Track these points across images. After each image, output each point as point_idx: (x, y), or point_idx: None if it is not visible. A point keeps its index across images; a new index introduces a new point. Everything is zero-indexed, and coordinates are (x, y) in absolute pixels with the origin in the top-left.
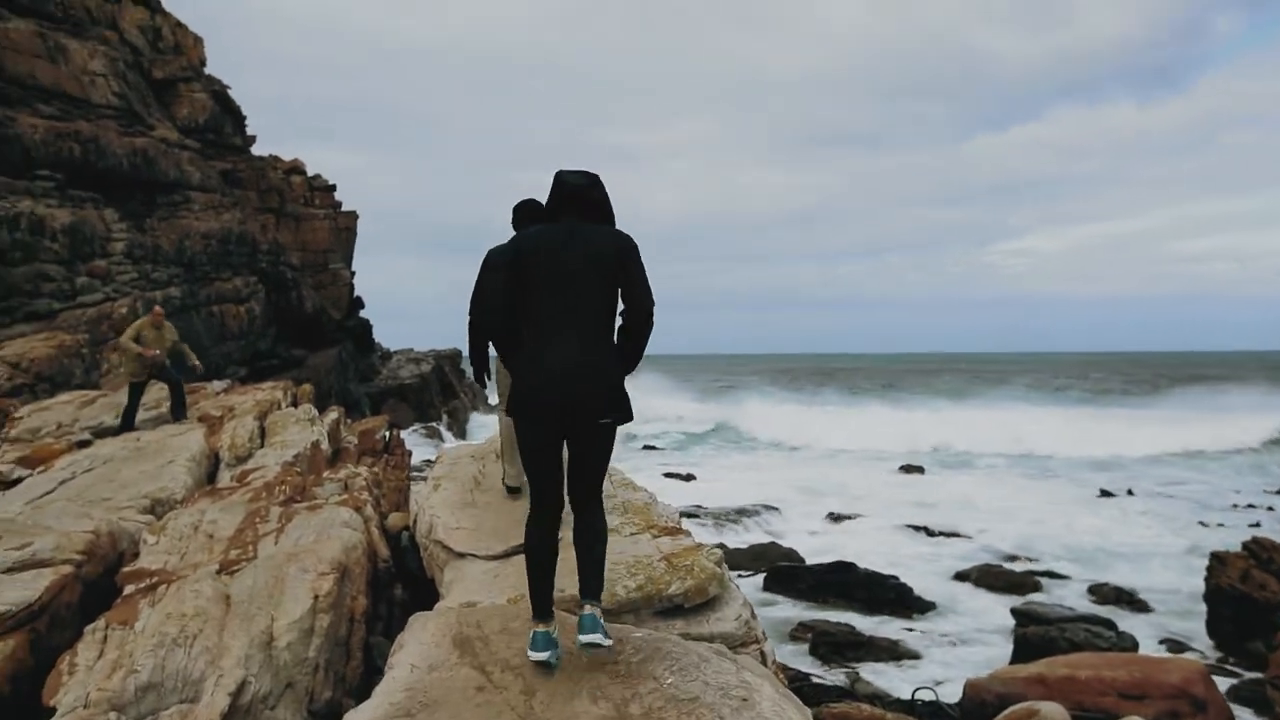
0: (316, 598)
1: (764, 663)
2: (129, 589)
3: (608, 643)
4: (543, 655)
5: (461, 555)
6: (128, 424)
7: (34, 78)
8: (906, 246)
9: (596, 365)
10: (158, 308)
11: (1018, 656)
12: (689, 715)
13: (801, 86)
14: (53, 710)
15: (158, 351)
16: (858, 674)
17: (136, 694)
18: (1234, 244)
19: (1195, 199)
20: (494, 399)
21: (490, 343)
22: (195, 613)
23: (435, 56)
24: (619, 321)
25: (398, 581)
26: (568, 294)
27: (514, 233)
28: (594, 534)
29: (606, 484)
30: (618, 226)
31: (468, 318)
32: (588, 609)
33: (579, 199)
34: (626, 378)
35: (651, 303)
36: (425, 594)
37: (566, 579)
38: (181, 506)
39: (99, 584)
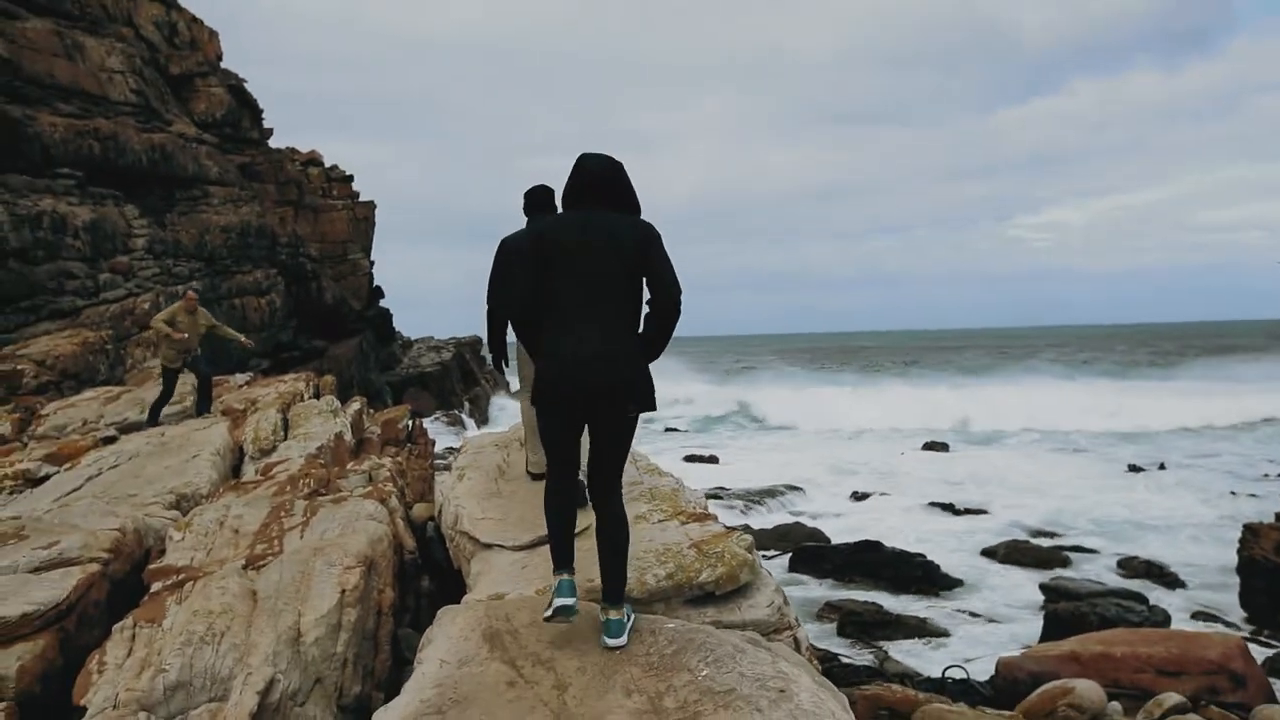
0: (343, 592)
1: (797, 649)
2: (156, 586)
3: (626, 641)
4: (567, 600)
5: (488, 546)
6: (154, 417)
7: (52, 76)
8: (929, 222)
9: (618, 355)
10: (190, 293)
11: (1048, 632)
12: (725, 708)
13: (820, 62)
14: (83, 710)
15: (185, 335)
16: (886, 653)
17: (165, 693)
18: (1264, 212)
19: (1223, 166)
20: (515, 384)
21: (513, 330)
22: (222, 610)
23: (451, 46)
24: (643, 309)
25: (424, 573)
26: (589, 283)
27: (525, 218)
28: (617, 527)
29: (631, 470)
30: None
31: (486, 305)
32: (611, 614)
33: (600, 186)
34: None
35: (679, 291)
36: (452, 585)
37: (595, 568)
38: (206, 502)
39: (126, 581)
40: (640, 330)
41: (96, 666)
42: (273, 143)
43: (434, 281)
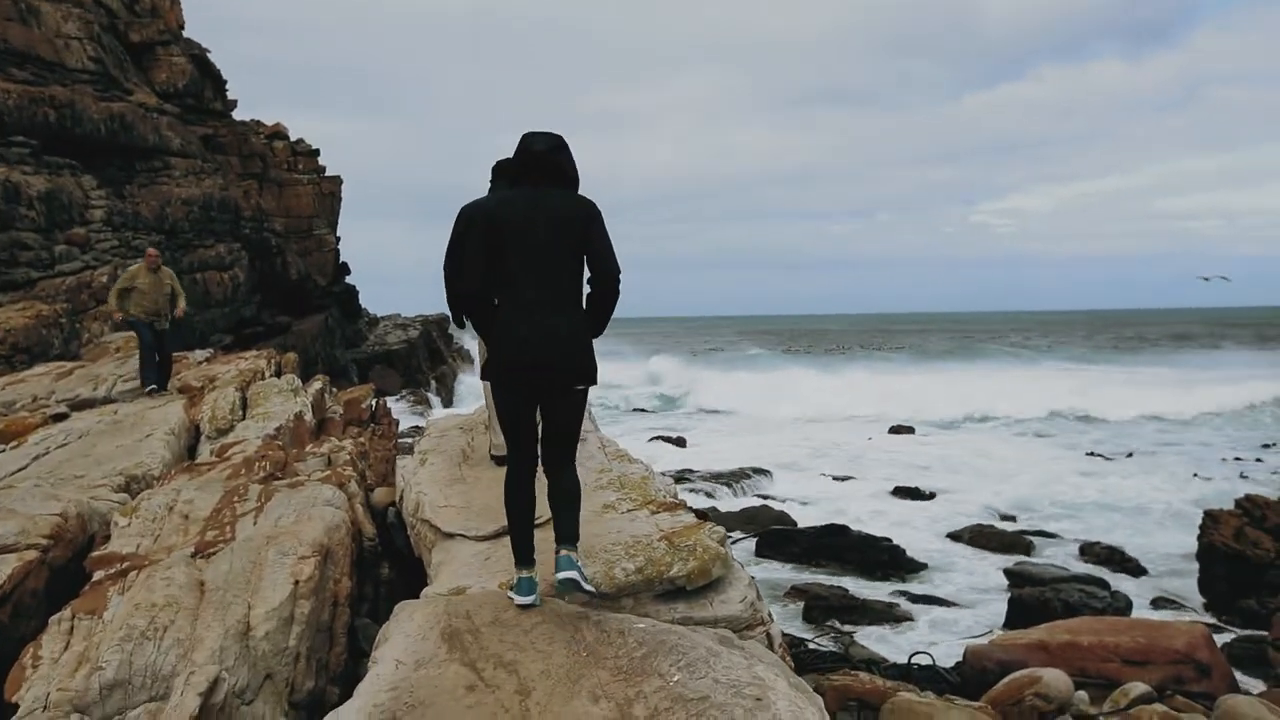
0: (297, 583)
1: (770, 646)
2: (98, 575)
3: (588, 587)
4: (527, 599)
5: (450, 536)
6: (146, 377)
7: (5, 41)
8: (896, 206)
9: (565, 333)
10: (151, 250)
11: (1012, 618)
12: (699, 717)
13: (792, 45)
14: (15, 707)
15: (120, 317)
16: (852, 638)
17: (102, 693)
18: (1222, 201)
19: (1183, 156)
20: (478, 363)
21: (467, 313)
22: (166, 602)
23: (421, 19)
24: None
25: (384, 560)
26: (535, 262)
27: (489, 189)
28: (568, 495)
29: (600, 456)
30: (592, 188)
31: (444, 270)
32: (564, 551)
33: (543, 163)
34: (596, 340)
35: (617, 269)
36: (413, 573)
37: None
38: (156, 485)
39: (68, 569)
40: (583, 307)
41: (31, 661)
42: (237, 115)
43: (401, 258)
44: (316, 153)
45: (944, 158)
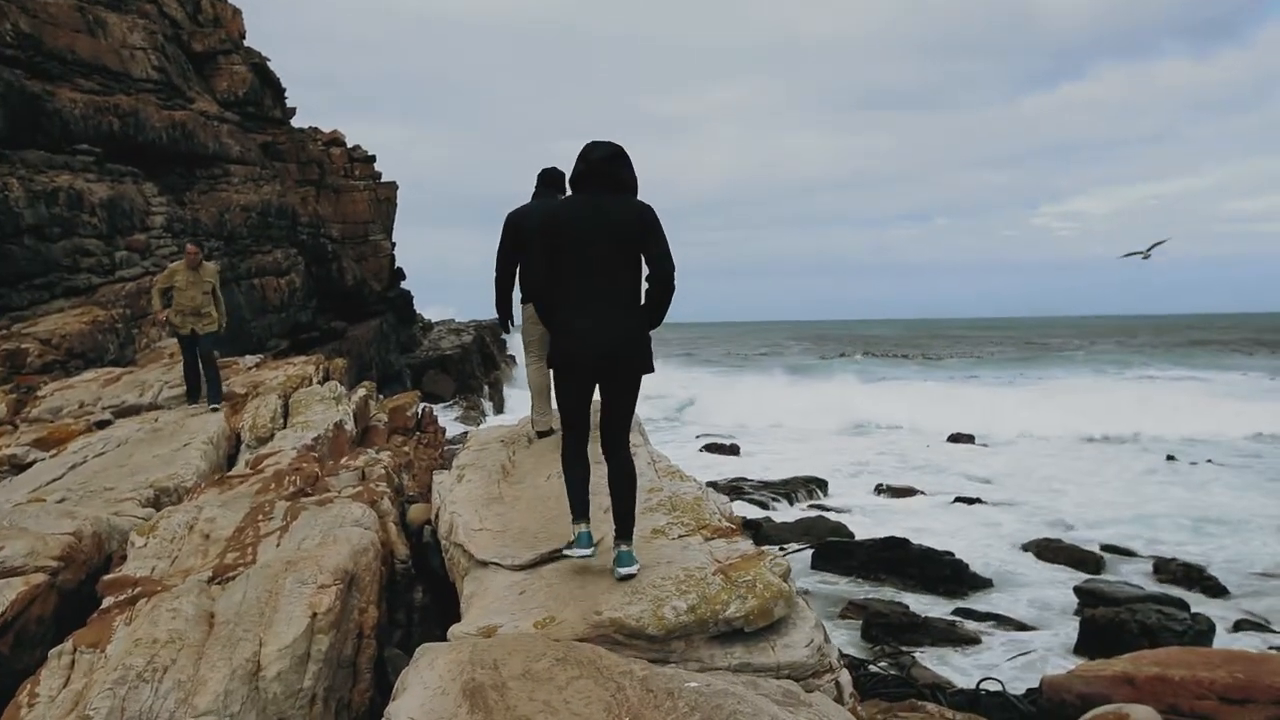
0: (314, 616)
1: (840, 696)
2: (108, 601)
3: (638, 568)
4: (585, 551)
5: (484, 564)
6: (191, 392)
7: (73, 52)
8: (954, 210)
9: (622, 327)
10: (191, 246)
11: (1084, 640)
12: None
13: (845, 48)
14: None
15: (165, 316)
16: (914, 659)
17: None
18: None
19: (1252, 156)
20: (519, 352)
21: (532, 303)
22: (170, 638)
23: (479, 29)
24: (643, 284)
25: (418, 584)
26: (595, 263)
27: (534, 196)
28: (625, 478)
29: (651, 474)
30: (645, 196)
31: (495, 270)
32: (623, 546)
33: (603, 172)
34: (653, 331)
35: (672, 268)
36: (449, 597)
37: (603, 597)
38: (174, 505)
39: (80, 593)
40: (641, 303)
41: (27, 699)
42: (295, 123)
43: (456, 264)
44: (373, 159)
45: (1003, 160)
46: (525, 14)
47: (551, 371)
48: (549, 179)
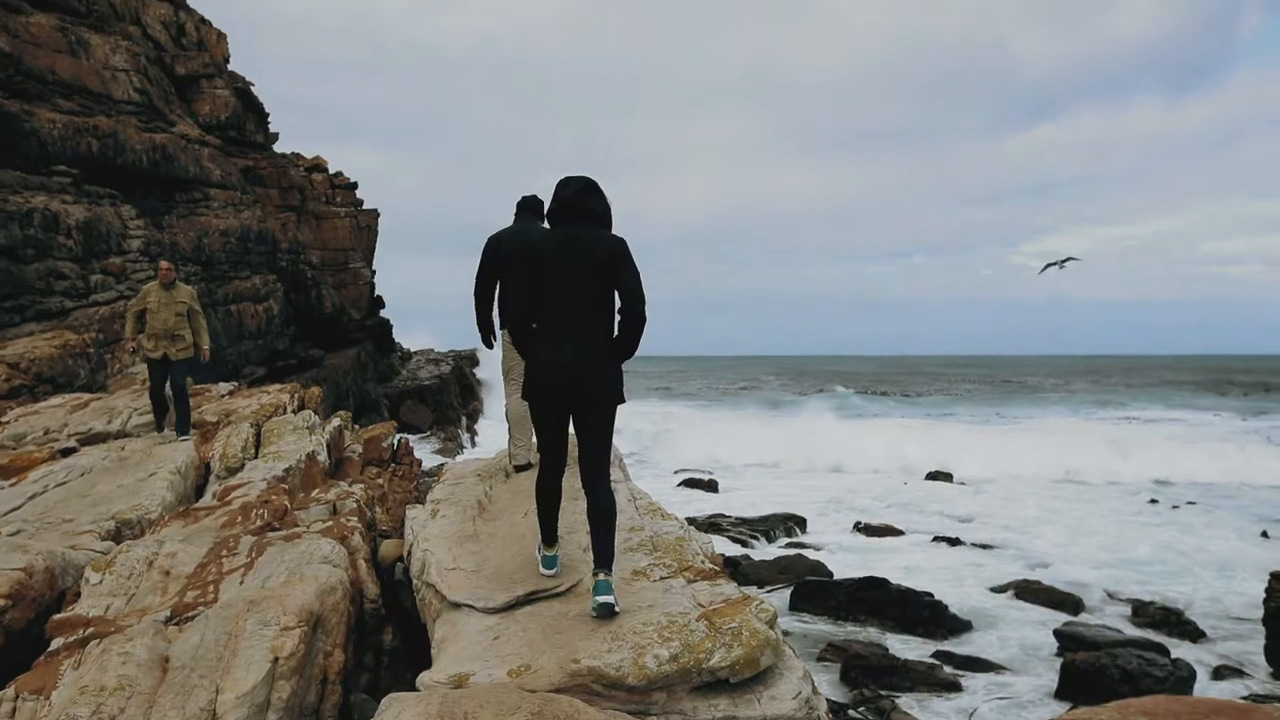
0: (276, 660)
1: None
2: (57, 643)
3: (616, 609)
4: (550, 571)
5: (457, 606)
6: (159, 419)
7: (54, 72)
8: (933, 247)
9: (595, 357)
10: (164, 263)
11: (1065, 685)
12: None
13: (826, 86)
14: None
15: (132, 346)
16: (894, 704)
17: None
18: (1266, 246)
19: (1225, 199)
20: (495, 383)
21: (508, 333)
22: (118, 685)
23: (462, 60)
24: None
25: (389, 625)
26: (569, 295)
27: (514, 220)
28: (605, 514)
29: (631, 511)
30: (626, 229)
31: (473, 295)
32: (601, 575)
33: (575, 205)
34: (629, 364)
35: (643, 300)
36: (421, 639)
37: (583, 644)
38: (136, 538)
39: (30, 632)
40: (613, 334)
41: None
42: (277, 148)
43: (436, 293)
44: (354, 186)
45: (982, 199)
46: (508, 46)
47: (511, 398)
48: (528, 205)
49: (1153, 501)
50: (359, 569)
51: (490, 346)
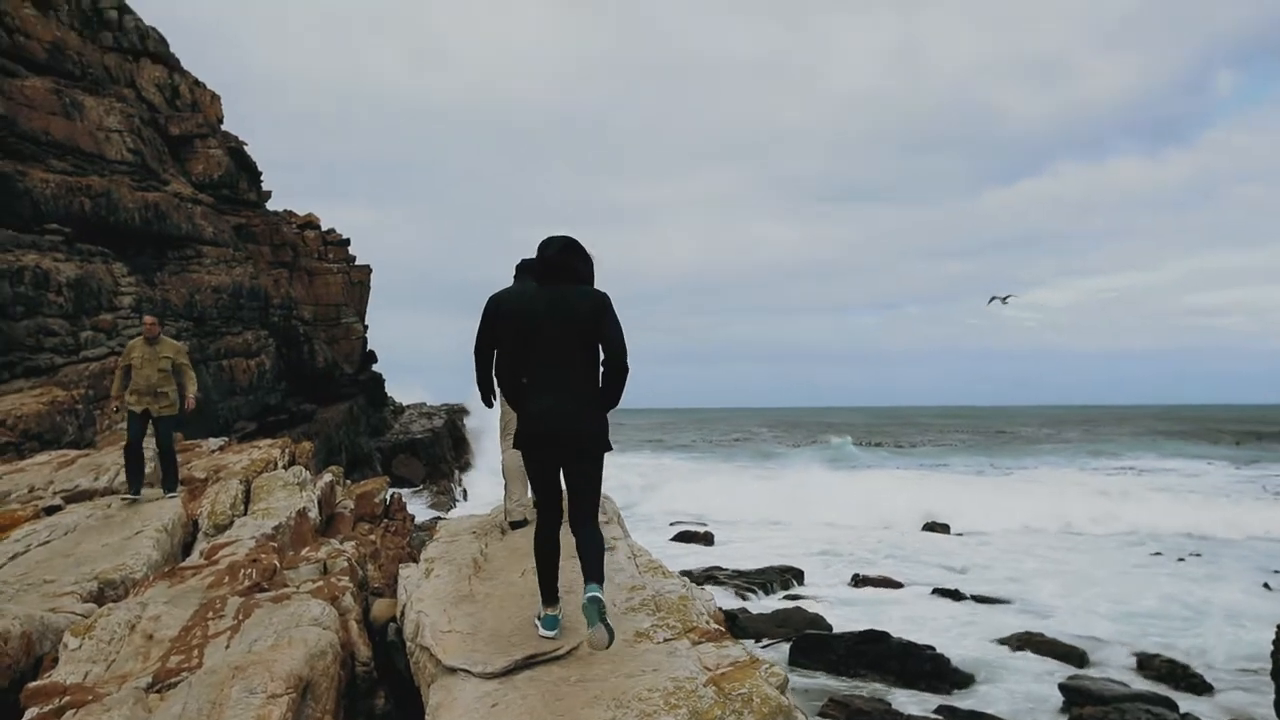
0: None
1: None
2: (31, 712)
3: (609, 636)
4: (551, 633)
5: (452, 671)
6: (132, 479)
7: (48, 133)
8: (920, 299)
9: (581, 408)
10: (148, 318)
11: None
12: None
13: (812, 141)
14: None
15: (116, 405)
16: None
17: None
18: (1247, 297)
19: (1206, 252)
20: (492, 439)
21: (500, 388)
22: None
23: (451, 116)
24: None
25: (381, 688)
26: (555, 350)
27: (514, 281)
28: (593, 545)
29: (631, 569)
30: (616, 282)
31: (474, 350)
32: (590, 593)
33: (557, 264)
34: (621, 415)
35: (624, 354)
36: (414, 705)
37: (586, 713)
38: (120, 599)
39: (4, 701)
40: (598, 385)
41: None
42: (270, 205)
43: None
44: (347, 242)
45: (967, 252)
46: (497, 104)
47: (507, 453)
48: (527, 267)
49: (1156, 554)
50: (350, 631)
51: (489, 405)
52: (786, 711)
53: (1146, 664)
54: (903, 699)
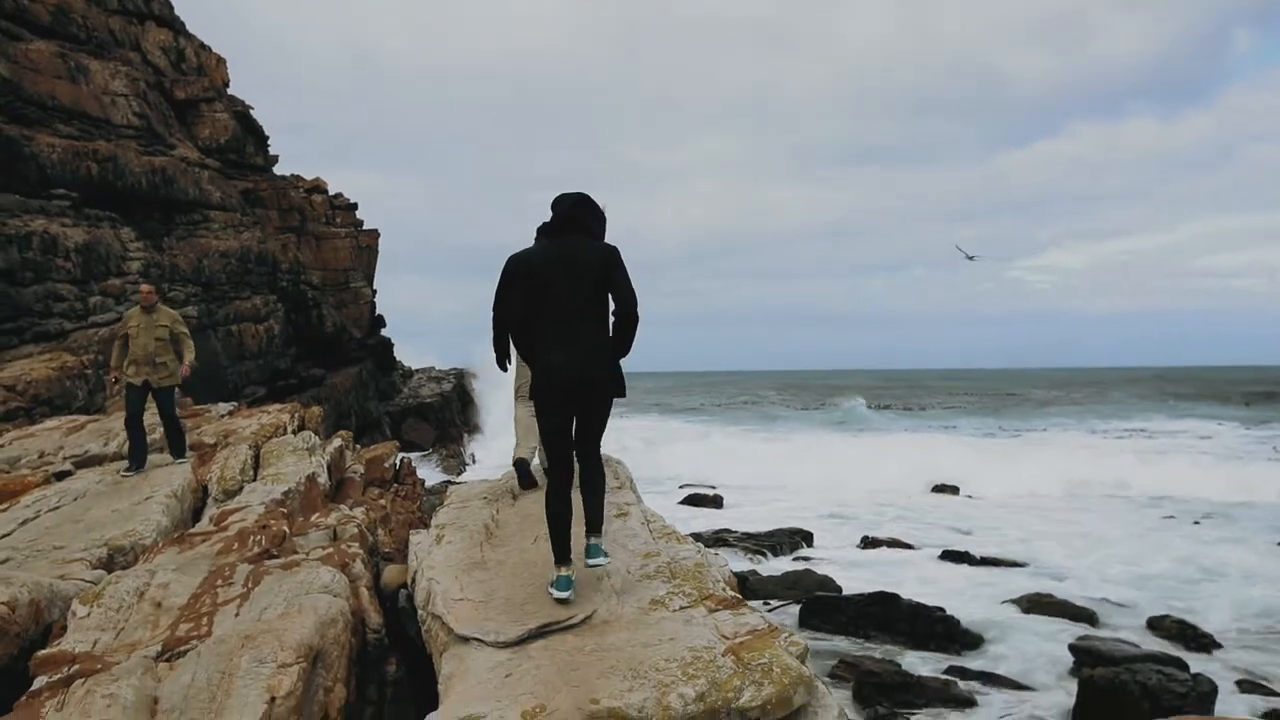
0: (273, 700)
1: None
2: (39, 682)
3: (607, 560)
4: (564, 594)
5: (465, 640)
6: (134, 453)
7: (54, 98)
8: (930, 262)
9: (593, 356)
10: (145, 285)
11: (1084, 702)
12: None
13: (822, 104)
14: None
15: (115, 375)
16: None
17: None
18: (1262, 258)
19: (1221, 214)
20: (510, 390)
21: (514, 345)
22: None
23: (460, 79)
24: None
25: (392, 655)
26: (567, 301)
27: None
28: (594, 485)
29: (644, 534)
30: (626, 245)
31: (492, 311)
32: (593, 540)
33: (569, 218)
34: (631, 377)
35: (635, 302)
36: (426, 671)
37: (601, 683)
38: (129, 566)
39: (12, 670)
40: (609, 335)
41: None
42: (277, 170)
43: (437, 311)
44: (355, 206)
45: (978, 214)
46: (507, 67)
47: (518, 404)
48: (546, 229)
49: (1169, 517)
50: (361, 598)
51: (504, 369)
52: (807, 682)
53: (1157, 624)
54: (913, 660)
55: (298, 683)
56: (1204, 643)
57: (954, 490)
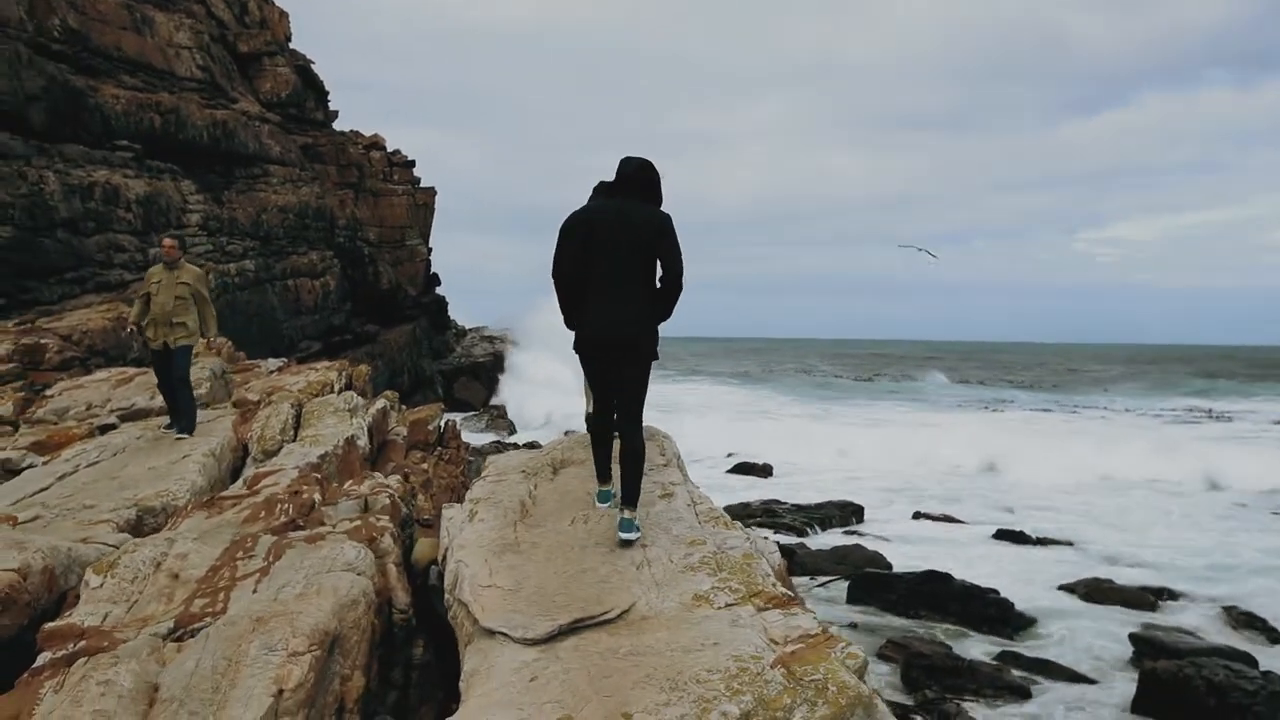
0: (281, 693)
1: None
2: (44, 657)
3: (638, 535)
4: (604, 506)
5: (490, 634)
6: (177, 419)
7: (119, 49)
8: (992, 233)
9: (632, 319)
10: (167, 240)
11: (1144, 696)
12: None
13: (880, 70)
14: None
15: (130, 329)
16: (959, 707)
17: None
18: None
19: None
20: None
21: (559, 293)
22: None
23: (520, 42)
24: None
25: (420, 637)
26: (615, 261)
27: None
28: (635, 456)
29: (690, 518)
30: (681, 209)
31: (552, 271)
32: (626, 513)
33: (630, 182)
34: (664, 323)
35: (681, 271)
36: (455, 654)
37: (635, 694)
38: (160, 528)
39: (22, 640)
40: (653, 298)
41: None
42: (336, 126)
43: (491, 271)
44: (412, 164)
45: (1043, 184)
46: (565, 30)
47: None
48: (604, 188)
49: (1241, 505)
50: (388, 575)
51: (571, 327)
52: (866, 703)
53: (1225, 617)
54: (964, 643)
55: (309, 673)
56: (1274, 636)
57: (1008, 467)
